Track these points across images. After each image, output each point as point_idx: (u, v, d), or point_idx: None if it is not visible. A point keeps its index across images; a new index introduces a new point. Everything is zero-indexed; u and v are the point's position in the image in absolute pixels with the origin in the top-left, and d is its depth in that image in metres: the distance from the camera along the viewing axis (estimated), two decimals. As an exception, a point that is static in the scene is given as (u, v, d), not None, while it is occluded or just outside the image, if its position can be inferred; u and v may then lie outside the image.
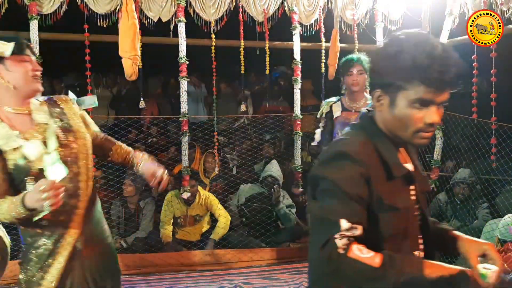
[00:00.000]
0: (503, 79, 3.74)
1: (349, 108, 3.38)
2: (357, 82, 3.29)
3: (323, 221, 1.20)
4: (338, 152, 1.25)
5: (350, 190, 1.19)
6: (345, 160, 1.22)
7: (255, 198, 4.64)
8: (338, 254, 1.12)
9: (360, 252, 1.13)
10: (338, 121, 3.40)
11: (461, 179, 4.17)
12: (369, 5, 4.30)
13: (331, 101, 3.49)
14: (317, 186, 1.25)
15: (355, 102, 3.37)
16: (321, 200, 1.23)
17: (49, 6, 3.66)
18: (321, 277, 1.29)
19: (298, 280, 3.95)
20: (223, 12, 3.98)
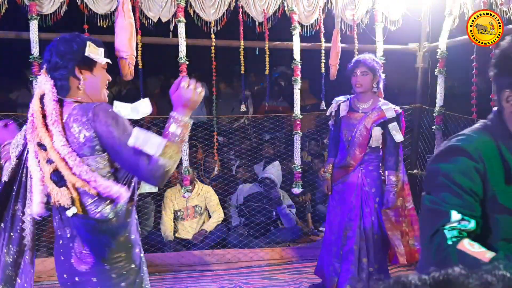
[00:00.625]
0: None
1: (356, 108, 3.40)
2: (360, 83, 3.31)
3: (434, 212, 1.18)
4: (453, 147, 1.24)
5: (463, 183, 1.16)
6: (459, 154, 1.20)
7: (254, 198, 4.65)
8: (447, 245, 1.10)
9: (471, 246, 1.09)
10: (343, 120, 3.43)
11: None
12: (369, 5, 4.30)
13: (339, 100, 3.51)
14: (433, 180, 1.23)
15: (361, 103, 3.39)
16: (434, 192, 1.21)
17: (49, 6, 3.66)
18: (429, 267, 1.27)
19: (298, 280, 3.95)
20: (223, 13, 3.98)
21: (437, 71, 4.22)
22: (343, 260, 3.36)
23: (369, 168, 3.35)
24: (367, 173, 3.35)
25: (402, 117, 3.42)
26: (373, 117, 3.31)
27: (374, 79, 3.34)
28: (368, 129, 3.30)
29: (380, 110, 3.31)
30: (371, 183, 3.35)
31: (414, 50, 4.58)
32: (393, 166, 3.31)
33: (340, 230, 3.39)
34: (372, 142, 3.31)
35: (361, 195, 3.34)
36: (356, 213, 3.33)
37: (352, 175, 3.37)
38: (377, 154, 3.37)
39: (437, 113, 4.24)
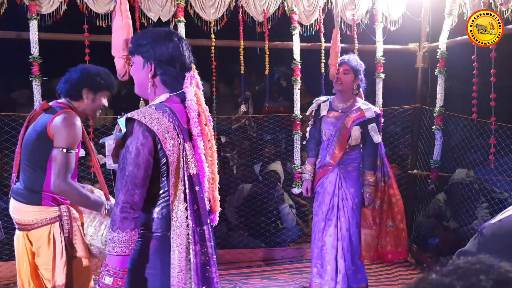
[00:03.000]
0: (503, 79, 3.75)
1: (336, 108, 3.43)
2: (341, 80, 3.35)
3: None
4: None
5: None
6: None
7: (254, 198, 4.65)
8: None
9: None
10: (323, 120, 3.45)
11: (459, 179, 4.18)
12: (369, 5, 4.30)
13: (320, 99, 3.54)
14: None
15: (341, 102, 3.42)
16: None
17: (49, 6, 3.65)
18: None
19: (298, 280, 3.95)
20: (223, 12, 3.98)
21: (437, 71, 4.22)
22: (322, 261, 3.37)
23: (348, 168, 3.37)
24: (346, 173, 3.36)
25: (380, 118, 3.45)
26: (352, 116, 3.33)
27: (355, 80, 3.38)
28: (348, 128, 3.32)
29: (360, 110, 3.34)
30: (350, 183, 3.36)
31: (414, 50, 4.58)
32: (370, 166, 3.35)
33: (319, 231, 3.40)
34: (351, 141, 3.33)
35: (339, 195, 3.35)
36: (333, 213, 3.35)
37: (330, 175, 3.38)
38: (356, 154, 3.38)
39: (437, 113, 4.24)
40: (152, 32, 1.83)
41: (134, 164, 1.60)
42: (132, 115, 1.64)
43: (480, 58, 3.67)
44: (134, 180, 1.60)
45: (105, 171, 2.25)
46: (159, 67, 1.77)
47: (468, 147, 4.14)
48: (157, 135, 1.63)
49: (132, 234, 1.60)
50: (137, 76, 1.83)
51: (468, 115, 3.97)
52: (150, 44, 1.77)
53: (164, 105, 1.73)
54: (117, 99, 6.49)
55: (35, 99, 3.64)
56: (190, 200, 1.68)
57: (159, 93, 1.79)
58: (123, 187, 1.60)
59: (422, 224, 4.50)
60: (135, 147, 1.61)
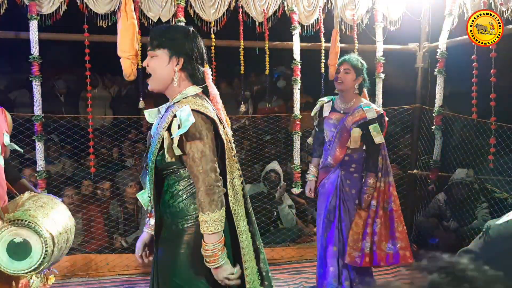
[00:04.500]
0: (503, 79, 3.75)
1: (339, 109, 3.38)
2: (341, 79, 3.30)
3: None
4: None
5: None
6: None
7: (254, 198, 4.65)
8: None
9: None
10: (326, 121, 3.42)
11: (459, 179, 4.18)
12: (369, 5, 4.30)
13: (323, 100, 3.51)
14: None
15: (343, 103, 3.37)
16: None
17: (49, 6, 3.65)
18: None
19: (298, 280, 3.95)
20: (222, 13, 3.98)
21: (437, 71, 4.22)
22: (326, 262, 3.36)
23: (349, 169, 3.32)
24: (347, 174, 3.32)
25: (384, 118, 3.39)
26: (353, 117, 3.28)
27: (357, 79, 3.31)
28: (348, 130, 3.27)
29: (361, 111, 3.28)
30: (351, 184, 3.31)
31: (414, 50, 4.58)
32: (371, 168, 3.28)
33: (322, 232, 3.38)
34: (350, 143, 3.28)
35: (340, 196, 3.32)
36: (334, 215, 3.33)
37: (332, 176, 3.36)
38: (359, 156, 3.32)
39: (437, 113, 4.24)
40: (180, 28, 1.97)
41: (209, 148, 1.76)
42: (192, 108, 1.77)
43: (480, 58, 3.67)
44: (213, 161, 1.77)
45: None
46: (188, 62, 1.87)
47: (468, 147, 4.14)
48: (215, 122, 1.81)
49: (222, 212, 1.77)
50: (160, 69, 1.87)
51: (468, 115, 3.97)
52: (181, 39, 1.86)
53: (203, 97, 1.90)
54: (117, 99, 6.49)
55: (35, 99, 3.64)
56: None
57: (184, 87, 1.88)
58: (207, 171, 1.74)
59: (422, 224, 4.50)
60: (205, 134, 1.76)
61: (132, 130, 5.09)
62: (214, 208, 1.73)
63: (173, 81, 1.86)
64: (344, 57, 3.39)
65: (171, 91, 1.90)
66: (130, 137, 5.25)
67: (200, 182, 1.74)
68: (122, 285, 3.86)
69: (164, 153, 1.79)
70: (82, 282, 3.93)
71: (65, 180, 4.35)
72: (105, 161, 4.62)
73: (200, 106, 1.80)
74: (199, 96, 1.88)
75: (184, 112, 1.75)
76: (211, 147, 1.77)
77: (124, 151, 5.35)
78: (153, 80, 1.89)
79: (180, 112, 1.76)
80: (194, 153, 1.75)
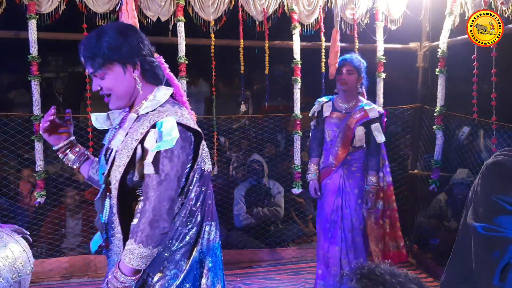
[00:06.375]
0: (504, 78, 3.73)
1: (340, 108, 3.39)
2: (345, 81, 3.31)
3: (492, 239, 1.19)
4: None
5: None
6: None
7: (250, 190, 4.67)
8: None
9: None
10: (326, 121, 3.42)
11: (460, 179, 4.16)
12: (369, 5, 4.28)
13: (322, 100, 3.51)
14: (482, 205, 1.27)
15: (345, 103, 3.39)
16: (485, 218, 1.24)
17: (48, 6, 3.64)
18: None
19: (298, 281, 3.94)
20: (222, 12, 3.96)
21: (438, 70, 4.20)
22: (327, 263, 3.35)
23: (351, 169, 3.34)
24: (349, 174, 3.33)
25: (383, 118, 3.42)
26: (356, 117, 3.30)
27: (359, 79, 3.35)
28: (352, 129, 3.29)
29: (363, 110, 3.31)
30: (353, 184, 3.33)
31: (415, 49, 4.57)
32: (374, 167, 3.31)
33: (324, 232, 3.37)
34: (355, 142, 3.29)
35: (342, 196, 3.32)
36: (337, 214, 3.32)
37: (334, 175, 3.36)
38: (360, 154, 3.34)
39: (438, 113, 4.22)
40: (112, 29, 1.62)
41: (176, 172, 1.58)
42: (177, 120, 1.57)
43: (481, 57, 3.66)
44: (173, 189, 1.59)
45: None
46: (144, 61, 1.64)
47: (469, 147, 4.13)
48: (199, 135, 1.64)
49: None
50: (118, 85, 1.62)
51: (469, 115, 3.95)
52: (125, 42, 1.60)
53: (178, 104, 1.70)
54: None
55: (34, 99, 3.62)
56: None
57: (147, 91, 1.66)
58: (162, 198, 1.54)
59: (423, 225, 4.48)
60: (177, 154, 1.56)
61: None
62: (149, 244, 1.50)
63: (137, 90, 1.64)
64: (345, 58, 3.39)
65: (135, 101, 1.67)
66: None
67: (149, 208, 1.51)
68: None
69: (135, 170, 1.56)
70: (82, 283, 3.92)
71: (64, 180, 4.33)
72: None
73: (183, 118, 1.59)
74: (177, 104, 1.68)
75: (167, 124, 1.53)
76: (177, 172, 1.54)
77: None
78: (115, 99, 1.65)
79: (162, 123, 1.54)
80: (156, 172, 1.52)
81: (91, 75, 1.64)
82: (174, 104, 1.66)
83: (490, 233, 1.18)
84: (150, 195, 1.52)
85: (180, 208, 1.62)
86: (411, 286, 0.85)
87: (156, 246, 1.52)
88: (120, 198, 1.59)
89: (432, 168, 4.32)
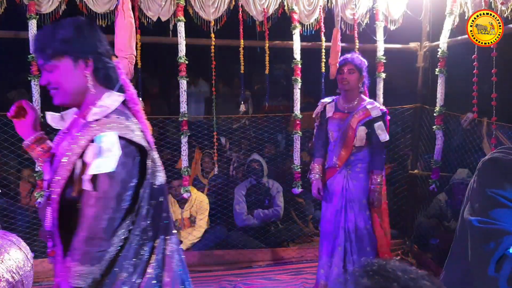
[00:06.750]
0: (505, 78, 3.73)
1: (342, 108, 3.39)
2: (347, 80, 3.31)
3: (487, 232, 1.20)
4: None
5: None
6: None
7: (250, 189, 4.68)
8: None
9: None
10: (329, 122, 3.42)
11: (460, 179, 4.16)
12: (369, 5, 4.28)
13: (325, 101, 3.51)
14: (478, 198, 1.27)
15: (347, 103, 3.39)
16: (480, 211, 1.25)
17: (48, 6, 3.63)
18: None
19: (298, 281, 3.93)
20: (222, 12, 3.96)
21: (438, 70, 4.20)
22: (331, 263, 3.35)
23: (355, 169, 3.34)
24: (353, 174, 3.33)
25: (386, 116, 3.40)
26: (358, 116, 3.30)
27: (360, 78, 3.34)
28: (354, 129, 3.28)
29: (366, 109, 3.31)
30: (357, 184, 3.32)
31: (415, 49, 4.57)
32: (379, 166, 3.31)
33: (329, 233, 3.37)
34: (356, 141, 3.29)
35: (346, 196, 3.32)
36: (341, 215, 3.32)
37: (338, 176, 3.35)
38: (364, 154, 3.34)
39: (438, 113, 4.22)
40: (71, 23, 1.54)
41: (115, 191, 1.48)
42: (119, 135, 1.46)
43: (481, 57, 3.66)
44: (113, 209, 1.48)
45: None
46: (98, 60, 1.56)
47: (469, 146, 4.13)
48: (144, 150, 1.52)
49: None
50: (67, 80, 1.53)
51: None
52: (80, 37, 1.52)
53: (127, 113, 1.57)
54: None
55: (34, 99, 3.62)
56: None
57: (97, 93, 1.57)
58: (99, 217, 1.44)
59: (423, 225, 4.48)
60: (119, 171, 1.45)
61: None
62: (86, 262, 1.41)
63: (87, 89, 1.55)
64: (346, 57, 3.39)
65: (86, 101, 1.57)
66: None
67: (84, 227, 1.42)
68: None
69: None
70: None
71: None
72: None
73: (127, 131, 1.48)
74: (125, 114, 1.55)
75: (108, 138, 1.43)
76: (117, 190, 1.44)
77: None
78: (61, 95, 1.56)
79: (101, 138, 1.43)
80: (94, 189, 1.42)
81: (41, 68, 1.57)
82: (121, 114, 1.54)
83: (485, 225, 1.20)
84: (86, 213, 1.43)
85: (132, 226, 1.52)
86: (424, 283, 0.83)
87: (94, 264, 1.42)
88: (60, 210, 1.50)
89: (432, 168, 4.33)
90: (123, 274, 1.50)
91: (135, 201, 1.51)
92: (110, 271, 1.47)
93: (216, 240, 4.39)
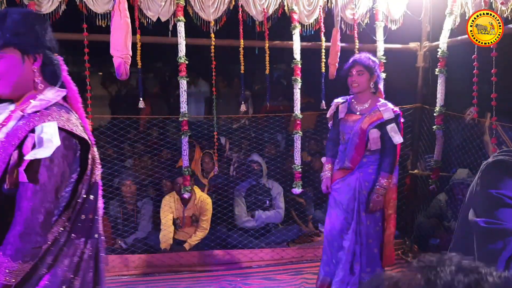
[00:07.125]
0: (505, 78, 3.73)
1: (354, 110, 3.32)
2: (357, 82, 3.25)
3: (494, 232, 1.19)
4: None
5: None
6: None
7: (249, 190, 4.68)
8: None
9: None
10: (341, 122, 3.37)
11: (460, 179, 4.16)
12: (369, 5, 4.28)
13: (338, 101, 3.46)
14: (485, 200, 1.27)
15: (359, 104, 3.32)
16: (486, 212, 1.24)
17: (48, 6, 3.63)
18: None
19: (298, 281, 3.93)
20: (222, 12, 3.96)
21: (438, 70, 4.20)
22: (337, 262, 3.33)
23: (368, 171, 3.28)
24: (365, 176, 3.27)
25: (400, 118, 3.32)
26: (370, 119, 3.23)
27: (371, 78, 3.25)
28: (364, 131, 3.21)
29: (378, 111, 3.23)
30: (370, 186, 3.27)
31: (415, 49, 4.56)
32: (387, 168, 3.22)
33: (337, 233, 3.34)
34: (370, 145, 3.21)
35: (358, 199, 3.27)
36: (353, 217, 3.28)
37: (350, 177, 3.30)
38: (376, 156, 3.28)
39: (438, 113, 4.22)
40: (20, 15, 1.49)
41: (54, 183, 1.44)
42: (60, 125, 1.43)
43: (481, 57, 3.66)
44: (50, 202, 1.44)
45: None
46: (46, 56, 1.52)
47: (470, 146, 4.13)
48: (86, 144, 1.51)
49: None
50: (12, 73, 1.48)
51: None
52: (30, 31, 1.48)
53: (67, 107, 1.55)
54: (117, 99, 6.48)
55: (34, 99, 3.62)
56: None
57: (43, 88, 1.53)
58: (36, 210, 1.39)
59: (423, 225, 4.48)
60: (57, 163, 1.43)
61: (131, 130, 5.08)
62: (19, 258, 1.35)
63: (32, 84, 1.51)
64: (354, 58, 3.30)
65: (28, 95, 1.53)
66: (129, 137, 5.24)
67: (20, 220, 1.36)
68: (122, 286, 3.84)
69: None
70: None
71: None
72: (104, 161, 4.60)
73: (68, 123, 1.45)
74: (65, 108, 1.53)
75: (48, 129, 1.39)
76: (56, 183, 1.40)
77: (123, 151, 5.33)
78: (3, 85, 1.49)
79: (42, 128, 1.39)
80: (32, 181, 1.37)
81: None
82: (61, 107, 1.51)
83: (492, 226, 1.20)
84: (22, 206, 1.37)
85: (68, 223, 1.49)
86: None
87: (27, 261, 1.37)
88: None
89: (432, 168, 4.33)
90: (43, 270, 1.46)
91: (72, 198, 1.49)
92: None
93: (216, 240, 4.39)
